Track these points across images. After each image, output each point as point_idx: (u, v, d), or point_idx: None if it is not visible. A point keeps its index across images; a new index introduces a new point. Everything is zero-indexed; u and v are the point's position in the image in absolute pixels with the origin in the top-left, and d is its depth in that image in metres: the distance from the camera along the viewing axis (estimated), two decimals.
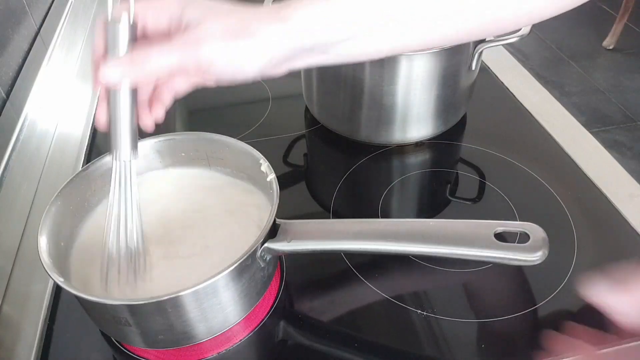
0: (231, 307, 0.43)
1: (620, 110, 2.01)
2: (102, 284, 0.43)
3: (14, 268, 0.52)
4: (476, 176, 0.62)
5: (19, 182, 0.57)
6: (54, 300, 0.51)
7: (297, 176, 0.64)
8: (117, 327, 0.42)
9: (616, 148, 1.84)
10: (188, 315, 0.41)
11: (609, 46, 2.33)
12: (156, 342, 0.43)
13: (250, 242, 0.41)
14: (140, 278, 0.44)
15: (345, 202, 0.60)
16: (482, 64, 0.78)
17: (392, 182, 0.62)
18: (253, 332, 0.46)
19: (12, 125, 0.59)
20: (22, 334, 0.48)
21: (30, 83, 0.67)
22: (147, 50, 0.36)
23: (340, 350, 0.46)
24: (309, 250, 0.45)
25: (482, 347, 0.45)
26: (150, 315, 0.40)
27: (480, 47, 0.61)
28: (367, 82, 0.60)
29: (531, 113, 0.70)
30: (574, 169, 0.61)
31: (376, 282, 0.50)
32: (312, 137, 0.69)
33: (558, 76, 2.21)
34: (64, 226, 0.46)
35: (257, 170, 0.49)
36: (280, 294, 0.50)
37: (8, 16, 0.67)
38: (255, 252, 0.42)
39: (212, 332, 0.44)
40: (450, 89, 0.62)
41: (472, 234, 0.43)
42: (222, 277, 0.39)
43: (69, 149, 0.68)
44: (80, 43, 0.88)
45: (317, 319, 0.48)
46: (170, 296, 0.38)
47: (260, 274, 0.45)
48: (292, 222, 0.46)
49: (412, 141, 0.66)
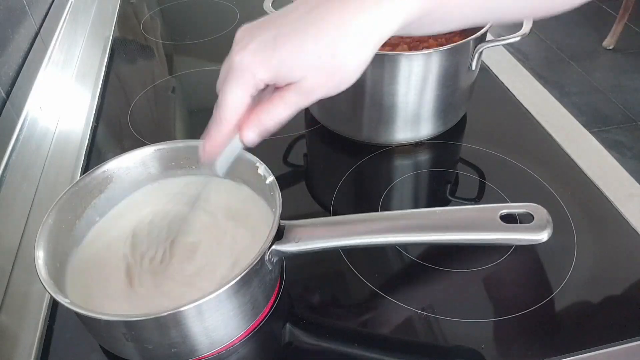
0: (240, 315, 0.43)
1: (620, 110, 2.01)
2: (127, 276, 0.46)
3: (14, 268, 0.52)
4: (476, 176, 0.62)
5: (19, 182, 0.57)
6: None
7: (297, 176, 0.64)
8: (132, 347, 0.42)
9: (616, 148, 1.84)
10: (202, 324, 0.41)
11: (609, 46, 2.33)
12: (169, 356, 0.43)
13: (255, 247, 0.41)
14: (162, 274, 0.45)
15: (345, 202, 0.60)
16: (482, 64, 0.78)
17: (392, 182, 0.62)
18: (253, 332, 0.46)
19: (12, 125, 0.59)
20: (21, 334, 0.48)
21: (30, 83, 0.67)
22: (268, 110, 0.38)
23: (341, 350, 0.46)
24: (317, 248, 0.44)
25: (482, 347, 0.45)
26: (162, 329, 0.40)
27: (480, 47, 0.61)
28: (367, 82, 0.60)
29: (531, 113, 0.70)
30: (574, 169, 0.61)
31: (376, 282, 0.50)
32: (312, 137, 0.69)
33: (558, 76, 2.21)
34: (59, 244, 0.45)
35: (254, 174, 0.48)
36: (280, 294, 0.50)
37: (8, 16, 0.67)
38: (264, 256, 0.42)
39: (223, 342, 0.44)
40: (450, 89, 0.62)
41: (479, 218, 0.44)
42: (233, 285, 0.39)
43: (69, 149, 0.68)
44: (80, 43, 0.88)
45: (316, 319, 0.48)
46: (183, 308, 0.38)
47: (269, 277, 0.45)
48: (296, 222, 0.46)
49: (412, 141, 0.66)
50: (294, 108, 0.38)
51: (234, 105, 0.38)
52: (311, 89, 0.37)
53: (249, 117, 0.38)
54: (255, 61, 0.36)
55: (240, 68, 0.37)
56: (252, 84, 0.37)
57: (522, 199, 0.54)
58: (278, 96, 0.38)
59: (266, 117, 0.38)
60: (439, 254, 0.52)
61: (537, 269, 0.51)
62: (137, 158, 0.51)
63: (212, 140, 0.40)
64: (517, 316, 0.47)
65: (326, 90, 0.38)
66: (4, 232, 0.53)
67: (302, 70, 0.36)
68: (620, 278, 0.50)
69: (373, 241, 0.44)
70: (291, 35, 0.36)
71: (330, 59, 0.36)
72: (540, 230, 0.42)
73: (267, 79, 0.37)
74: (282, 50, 0.36)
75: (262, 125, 0.38)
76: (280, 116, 0.38)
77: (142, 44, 0.93)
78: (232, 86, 0.37)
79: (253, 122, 0.38)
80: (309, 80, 0.37)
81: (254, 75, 0.37)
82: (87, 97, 0.78)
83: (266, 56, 0.36)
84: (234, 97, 0.38)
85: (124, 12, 1.02)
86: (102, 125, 0.73)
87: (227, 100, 0.38)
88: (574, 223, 0.55)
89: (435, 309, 0.47)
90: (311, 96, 0.38)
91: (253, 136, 0.39)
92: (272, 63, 0.36)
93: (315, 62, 0.36)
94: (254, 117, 0.38)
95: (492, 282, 0.50)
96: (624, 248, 0.52)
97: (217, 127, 0.39)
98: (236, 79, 0.37)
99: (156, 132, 0.73)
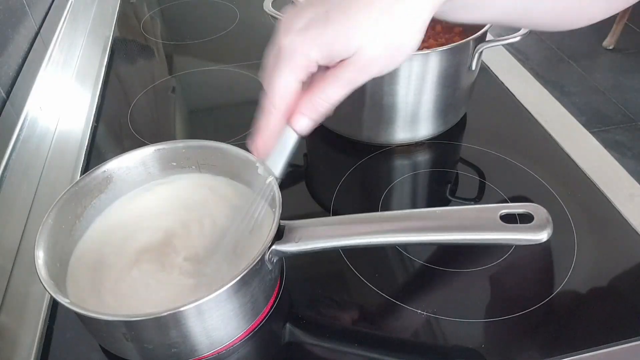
0: (240, 315, 0.43)
1: (620, 110, 2.01)
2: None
3: (14, 268, 0.52)
4: (476, 176, 0.62)
5: (19, 182, 0.57)
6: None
7: (297, 176, 0.64)
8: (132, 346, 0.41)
9: (616, 148, 1.84)
10: (202, 324, 0.41)
11: (609, 46, 2.33)
12: (169, 356, 0.42)
13: (255, 247, 0.41)
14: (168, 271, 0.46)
15: (345, 202, 0.60)
16: (482, 64, 0.78)
17: (392, 182, 0.62)
18: (253, 332, 0.46)
19: (12, 125, 0.59)
20: (21, 334, 0.48)
21: (30, 83, 0.67)
22: (322, 90, 0.36)
23: (341, 350, 0.46)
24: (317, 249, 0.44)
25: (482, 347, 0.45)
26: (162, 329, 0.40)
27: (480, 47, 0.61)
28: (367, 82, 0.60)
29: (531, 113, 0.70)
30: (574, 169, 0.61)
31: (376, 282, 0.50)
32: (312, 137, 0.68)
33: (558, 76, 2.21)
34: (59, 244, 0.45)
35: (254, 174, 0.48)
36: (280, 294, 0.50)
37: (8, 16, 0.67)
38: (264, 256, 0.42)
39: (223, 342, 0.44)
40: (450, 89, 0.62)
41: (479, 218, 0.44)
42: (234, 284, 0.39)
43: (69, 149, 0.68)
44: (80, 43, 0.88)
45: (316, 319, 0.48)
46: (183, 308, 0.37)
47: (269, 277, 0.45)
48: (296, 222, 0.46)
49: (412, 141, 0.66)
50: (349, 87, 0.36)
51: (285, 91, 0.36)
52: (368, 61, 0.35)
53: (300, 103, 0.36)
54: (306, 41, 0.34)
55: (290, 50, 0.35)
56: (304, 67, 0.35)
57: (522, 199, 0.55)
58: (332, 74, 0.36)
59: (320, 100, 0.36)
60: (439, 254, 0.52)
61: (537, 269, 0.51)
62: (137, 158, 0.51)
63: (263, 133, 0.38)
64: (517, 316, 0.47)
65: (383, 62, 0.36)
66: (4, 232, 0.53)
67: (359, 40, 0.34)
68: (620, 278, 0.50)
69: (373, 241, 0.44)
70: (344, 6, 0.34)
71: (387, 24, 0.34)
72: (540, 230, 0.42)
73: (321, 57, 0.35)
74: (335, 22, 0.34)
75: (315, 109, 0.36)
76: (335, 97, 0.36)
77: (142, 44, 0.93)
78: (282, 71, 0.35)
79: (306, 106, 0.36)
80: (367, 51, 0.34)
81: (307, 55, 0.34)
82: (87, 97, 0.78)
83: (318, 32, 0.34)
84: (284, 82, 0.35)
85: (124, 12, 1.02)
86: (102, 125, 0.73)
87: (276, 87, 0.36)
88: (574, 223, 0.55)
89: (435, 309, 0.47)
90: (368, 71, 0.36)
91: (307, 122, 0.37)
92: (326, 38, 0.34)
93: (373, 29, 0.34)
94: (307, 101, 0.36)
95: (492, 282, 0.50)
96: (624, 248, 0.52)
97: (267, 118, 0.37)
98: (286, 62, 0.35)
99: (156, 132, 0.73)
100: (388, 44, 0.35)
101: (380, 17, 0.34)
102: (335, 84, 0.36)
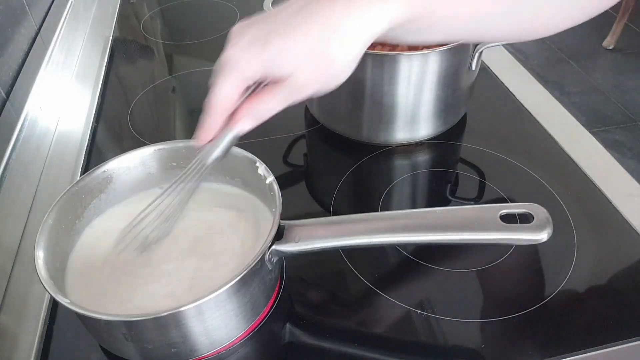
0: (240, 315, 0.43)
1: (620, 110, 2.01)
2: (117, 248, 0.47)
3: (14, 268, 0.52)
4: (476, 176, 0.62)
5: (19, 182, 0.57)
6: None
7: (297, 176, 0.64)
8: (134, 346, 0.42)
9: (616, 148, 1.84)
10: (202, 324, 0.41)
11: (609, 46, 2.33)
12: (169, 356, 0.43)
13: (255, 247, 0.41)
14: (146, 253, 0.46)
15: (345, 202, 0.60)
16: (482, 64, 0.78)
17: (392, 182, 0.62)
18: (253, 332, 0.46)
19: (12, 125, 0.59)
20: (21, 334, 0.48)
21: (30, 83, 0.67)
22: (260, 102, 0.39)
23: (341, 350, 0.46)
24: (317, 249, 0.44)
25: (482, 347, 0.45)
26: (162, 329, 0.40)
27: (480, 47, 0.61)
28: (367, 82, 0.60)
29: (531, 113, 0.70)
30: (574, 169, 0.61)
31: (376, 282, 0.50)
32: (312, 137, 0.69)
33: (558, 76, 2.21)
34: (59, 244, 0.45)
35: (254, 174, 0.48)
36: (280, 294, 0.50)
37: (8, 16, 0.67)
38: (264, 256, 0.42)
39: (223, 342, 0.44)
40: (450, 89, 0.62)
41: (479, 218, 0.44)
42: (234, 284, 0.39)
43: (69, 149, 0.68)
44: (80, 43, 0.88)
45: (316, 319, 0.48)
46: (183, 308, 0.38)
47: (269, 277, 0.45)
48: (296, 222, 0.46)
49: (412, 141, 0.66)
50: (285, 103, 0.39)
51: (221, 98, 0.39)
52: (302, 84, 0.38)
53: (241, 107, 0.40)
54: (245, 57, 0.37)
55: (231, 63, 0.38)
56: (240, 79, 0.38)
57: (522, 199, 0.55)
58: (270, 90, 0.39)
59: (259, 109, 0.39)
60: (439, 253, 0.52)
61: (537, 269, 0.51)
62: (137, 158, 0.51)
63: (203, 128, 0.41)
64: (517, 316, 0.47)
65: (316, 86, 0.38)
66: (4, 232, 0.53)
67: (293, 65, 0.37)
68: (620, 278, 0.50)
69: (373, 241, 0.44)
70: (283, 31, 0.37)
71: (321, 54, 0.36)
72: (540, 230, 0.42)
73: (258, 74, 0.38)
74: (273, 45, 0.36)
75: (254, 115, 0.40)
76: (273, 109, 0.39)
77: (142, 44, 0.93)
78: (220, 80, 0.38)
79: (247, 112, 0.40)
80: (300, 75, 0.37)
81: (244, 71, 0.38)
82: (87, 97, 0.78)
83: (257, 52, 0.37)
84: (222, 91, 0.39)
85: (124, 12, 1.02)
86: (102, 125, 0.73)
87: (217, 93, 0.39)
88: (574, 223, 0.55)
89: (435, 309, 0.47)
90: (302, 92, 0.38)
91: (245, 125, 0.40)
92: (263, 58, 0.37)
93: (306, 57, 0.36)
94: (247, 108, 0.40)
95: (492, 282, 0.50)
96: (624, 248, 0.52)
97: (207, 118, 0.41)
98: (227, 74, 0.38)
99: (156, 132, 0.73)
100: (321, 72, 0.38)
101: (316, 46, 0.36)
102: (273, 99, 0.39)
